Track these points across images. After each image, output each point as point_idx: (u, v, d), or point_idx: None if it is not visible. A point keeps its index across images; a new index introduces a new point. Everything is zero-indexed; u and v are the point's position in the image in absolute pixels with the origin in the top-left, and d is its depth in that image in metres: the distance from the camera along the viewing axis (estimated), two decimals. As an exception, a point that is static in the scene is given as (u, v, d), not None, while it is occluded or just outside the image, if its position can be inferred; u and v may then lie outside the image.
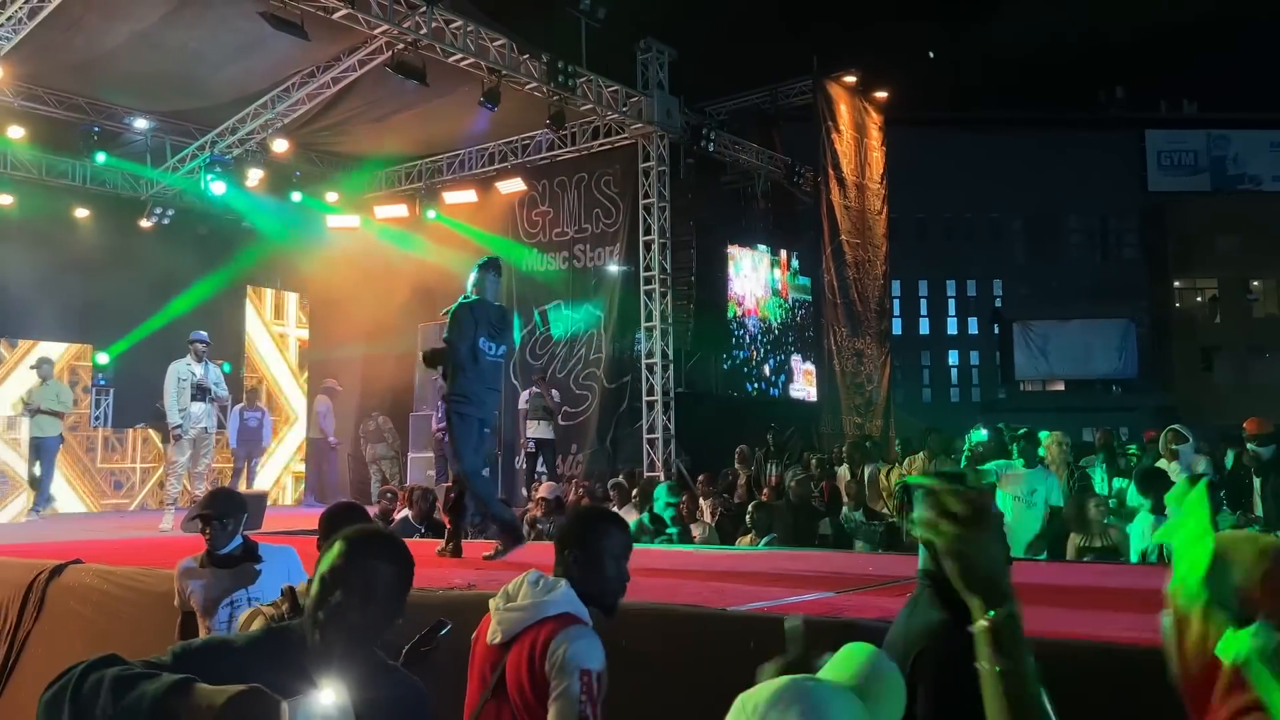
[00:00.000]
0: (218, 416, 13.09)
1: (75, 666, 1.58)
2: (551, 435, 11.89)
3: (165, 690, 1.49)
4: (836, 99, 15.26)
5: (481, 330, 5.54)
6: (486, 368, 5.65)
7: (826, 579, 4.54)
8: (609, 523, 2.72)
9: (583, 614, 2.49)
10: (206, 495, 4.67)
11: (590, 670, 2.32)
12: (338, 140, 14.22)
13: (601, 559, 2.57)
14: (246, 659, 1.73)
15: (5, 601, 5.88)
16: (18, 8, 9.47)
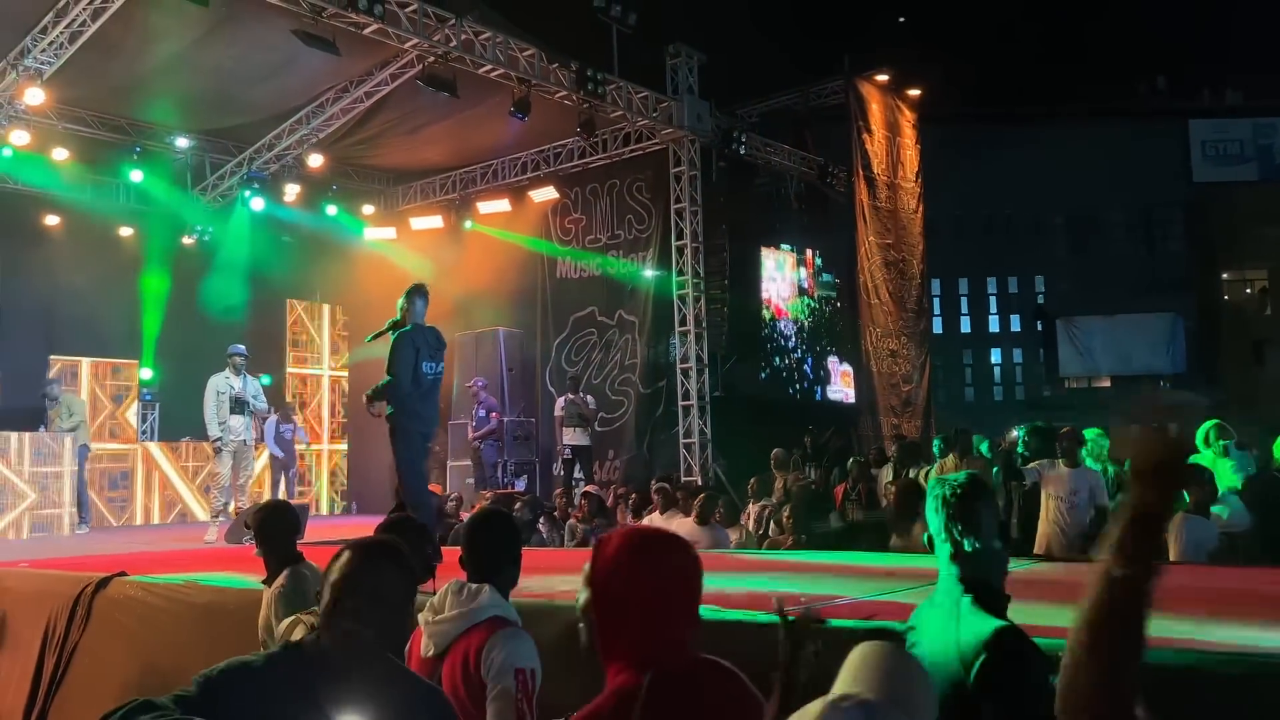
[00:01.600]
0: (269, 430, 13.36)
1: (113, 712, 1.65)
2: (588, 442, 11.92)
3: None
4: (868, 98, 15.14)
5: (422, 355, 6.07)
6: (427, 386, 6.18)
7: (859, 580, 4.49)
8: (506, 522, 2.83)
9: (511, 615, 2.54)
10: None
11: (525, 669, 2.39)
12: (372, 154, 14.39)
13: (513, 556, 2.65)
14: (267, 681, 1.75)
15: (54, 613, 6.01)
16: (59, 32, 9.71)
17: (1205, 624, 3.03)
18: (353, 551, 1.92)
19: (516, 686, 2.35)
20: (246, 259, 14.93)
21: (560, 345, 13.99)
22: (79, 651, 5.77)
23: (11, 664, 6.19)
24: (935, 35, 25.20)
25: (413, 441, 6.19)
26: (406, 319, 6.24)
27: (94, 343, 13.25)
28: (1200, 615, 3.13)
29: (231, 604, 5.04)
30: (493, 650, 2.42)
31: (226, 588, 5.30)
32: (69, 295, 13.57)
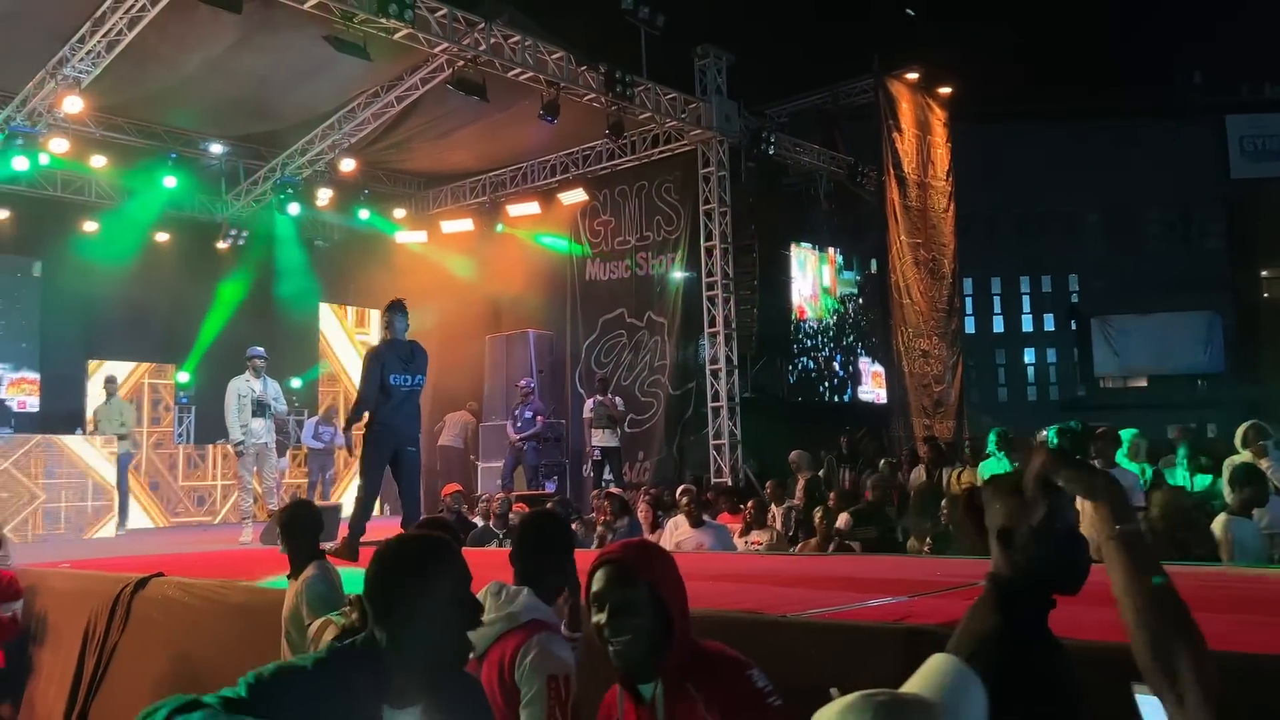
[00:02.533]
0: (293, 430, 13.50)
1: (157, 709, 1.62)
2: (617, 443, 11.93)
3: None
4: (898, 97, 15.05)
5: (390, 368, 6.40)
6: (400, 398, 6.49)
7: (892, 584, 4.46)
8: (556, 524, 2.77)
9: (551, 619, 2.52)
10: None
11: (558, 675, 2.36)
12: (403, 158, 14.50)
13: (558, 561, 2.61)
14: (317, 683, 1.74)
15: (94, 613, 6.11)
16: (96, 41, 9.87)
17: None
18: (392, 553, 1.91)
19: (549, 693, 2.33)
20: (279, 263, 15.14)
21: (590, 347, 14.02)
22: (118, 651, 5.86)
23: (53, 663, 6.29)
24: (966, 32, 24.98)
25: (379, 449, 6.55)
26: (387, 334, 6.62)
27: (131, 347, 13.46)
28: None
29: (268, 604, 5.09)
30: (527, 655, 2.40)
31: (262, 588, 5.36)
32: (106, 300, 13.82)
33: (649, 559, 2.19)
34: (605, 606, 2.10)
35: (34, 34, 10.18)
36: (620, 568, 2.14)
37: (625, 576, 2.12)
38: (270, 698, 1.66)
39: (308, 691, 1.70)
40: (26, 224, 13.18)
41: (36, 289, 13.84)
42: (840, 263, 15.24)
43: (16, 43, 10.33)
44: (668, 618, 2.09)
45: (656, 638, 2.08)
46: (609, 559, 2.17)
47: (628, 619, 2.07)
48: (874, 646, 3.05)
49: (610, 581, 2.11)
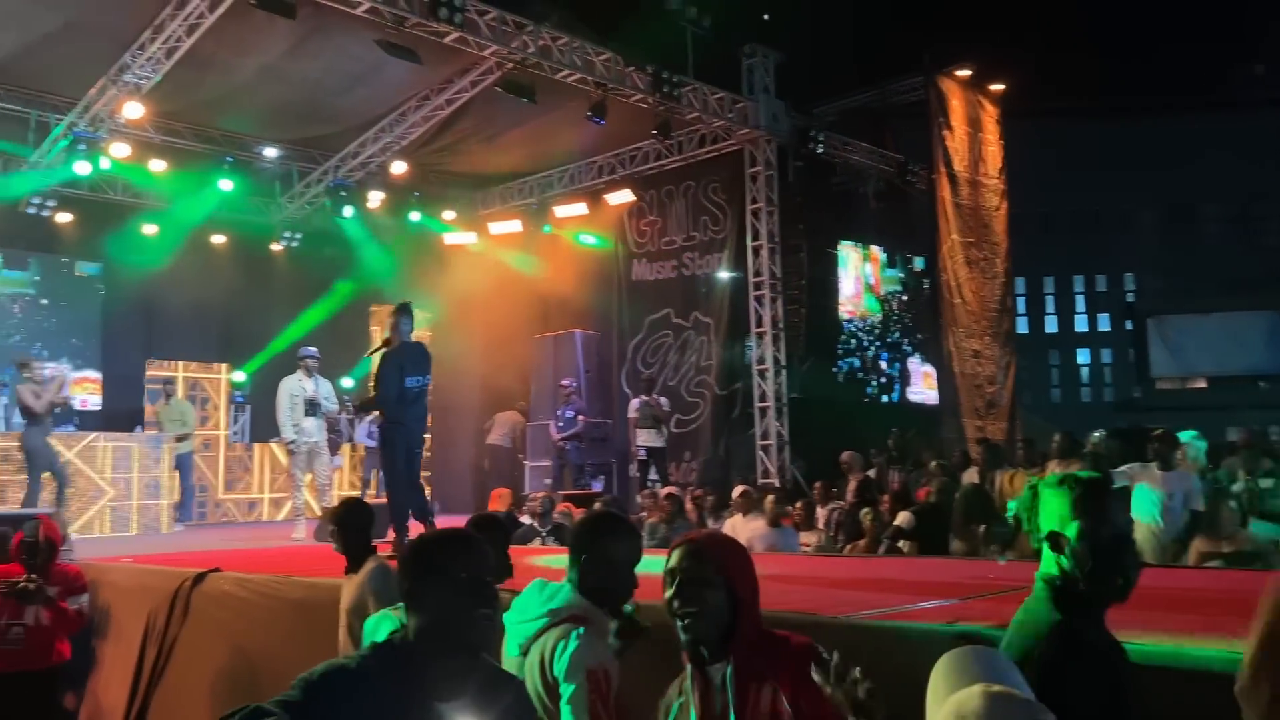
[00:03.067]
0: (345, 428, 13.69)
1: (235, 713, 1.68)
2: (662, 443, 11.93)
3: None
4: (949, 94, 14.84)
5: (406, 370, 6.60)
6: (413, 399, 6.70)
7: (945, 586, 4.42)
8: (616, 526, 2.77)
9: (590, 614, 2.53)
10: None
11: (597, 669, 2.37)
12: (452, 160, 14.64)
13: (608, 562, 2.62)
14: (365, 682, 1.80)
15: (154, 607, 6.25)
16: (156, 48, 10.11)
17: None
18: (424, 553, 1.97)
19: (590, 686, 2.34)
20: (331, 265, 15.38)
21: (636, 347, 14.04)
22: (178, 644, 6.00)
23: (115, 655, 6.45)
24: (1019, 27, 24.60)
25: (397, 449, 6.81)
26: (394, 337, 6.74)
27: (188, 347, 13.75)
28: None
29: (323, 599, 5.17)
30: (566, 649, 2.42)
31: (318, 583, 5.44)
32: (164, 301, 14.15)
33: (723, 545, 2.36)
34: (676, 580, 2.21)
35: (97, 42, 10.46)
36: (694, 546, 2.28)
37: (698, 555, 2.24)
38: (324, 698, 1.72)
39: (359, 690, 1.76)
40: (88, 227, 13.52)
41: (98, 290, 14.20)
42: (884, 260, 15.09)
43: (81, 51, 10.62)
44: (735, 601, 2.20)
45: (722, 617, 2.18)
46: (686, 539, 2.33)
47: (696, 594, 2.18)
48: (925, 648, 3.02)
49: (683, 558, 2.24)
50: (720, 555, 2.26)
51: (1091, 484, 2.15)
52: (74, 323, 14.02)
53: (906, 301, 15.34)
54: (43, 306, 13.77)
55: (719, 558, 2.25)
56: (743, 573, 2.26)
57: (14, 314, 13.62)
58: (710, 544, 2.32)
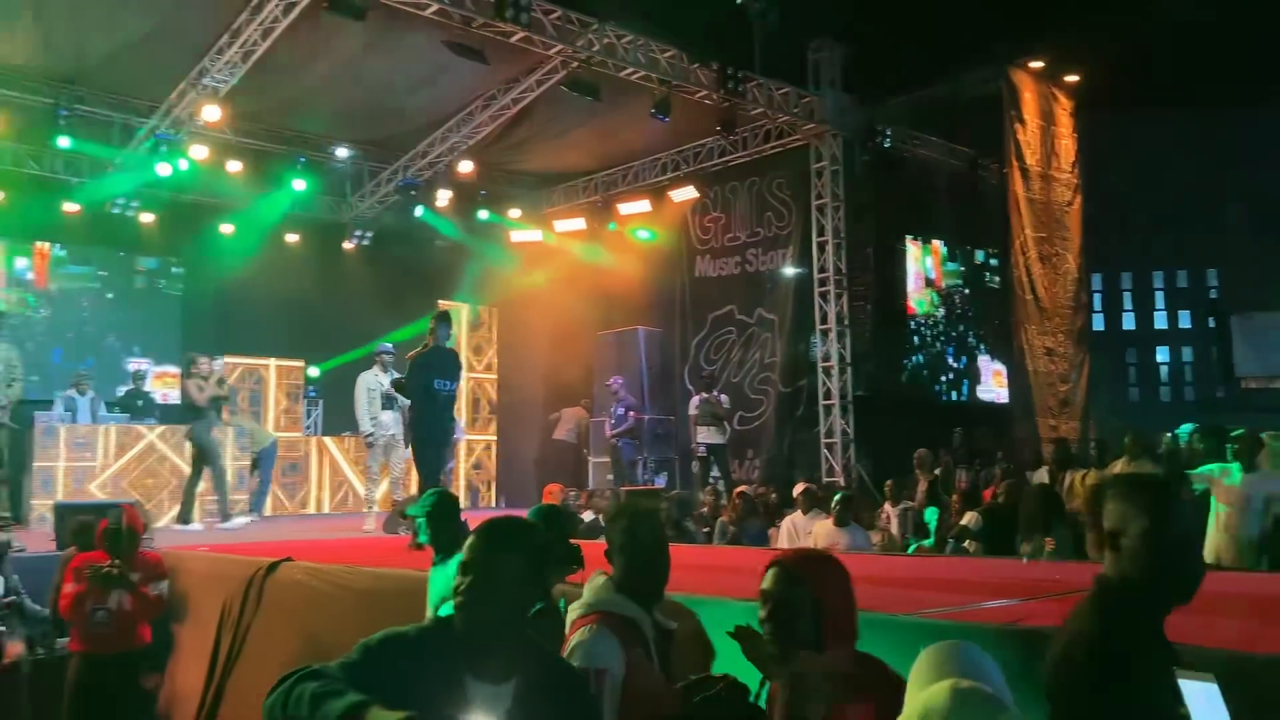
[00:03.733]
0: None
1: (289, 676, 1.80)
2: (723, 440, 11.90)
3: (344, 710, 1.69)
4: (1021, 87, 14.53)
5: (435, 373, 6.92)
6: (441, 401, 7.03)
7: (1010, 586, 4.34)
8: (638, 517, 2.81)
9: (614, 607, 2.55)
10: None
11: (591, 669, 2.40)
12: (518, 159, 14.80)
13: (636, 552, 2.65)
14: (417, 651, 1.90)
15: (230, 594, 6.44)
16: (233, 52, 10.41)
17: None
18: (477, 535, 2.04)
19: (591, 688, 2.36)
20: (401, 263, 15.65)
21: (699, 344, 14.04)
22: (252, 630, 6.17)
23: (192, 640, 6.66)
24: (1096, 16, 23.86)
25: (426, 447, 7.18)
26: (431, 341, 7.13)
27: (263, 343, 14.12)
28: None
29: (389, 589, 5.29)
30: (574, 647, 2.48)
31: (385, 574, 5.57)
32: (240, 298, 14.55)
33: (816, 566, 2.36)
34: (769, 602, 2.26)
35: (177, 47, 10.82)
36: (786, 568, 2.30)
37: (789, 577, 2.27)
38: (378, 663, 1.83)
39: (411, 659, 1.86)
40: (168, 226, 13.96)
41: (178, 287, 14.67)
42: (944, 253, 14.81)
43: (162, 56, 10.99)
44: (824, 620, 2.23)
45: (810, 638, 2.21)
46: (780, 560, 2.34)
47: (787, 619, 2.22)
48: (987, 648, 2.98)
49: (775, 580, 2.28)
50: (813, 576, 2.29)
51: (1153, 483, 2.11)
52: (150, 318, 14.49)
53: (968, 295, 15.04)
54: (109, 301, 14.21)
55: (812, 578, 2.28)
56: (836, 592, 2.28)
57: (81, 307, 14.04)
58: (804, 565, 2.34)
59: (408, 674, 1.76)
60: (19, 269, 13.53)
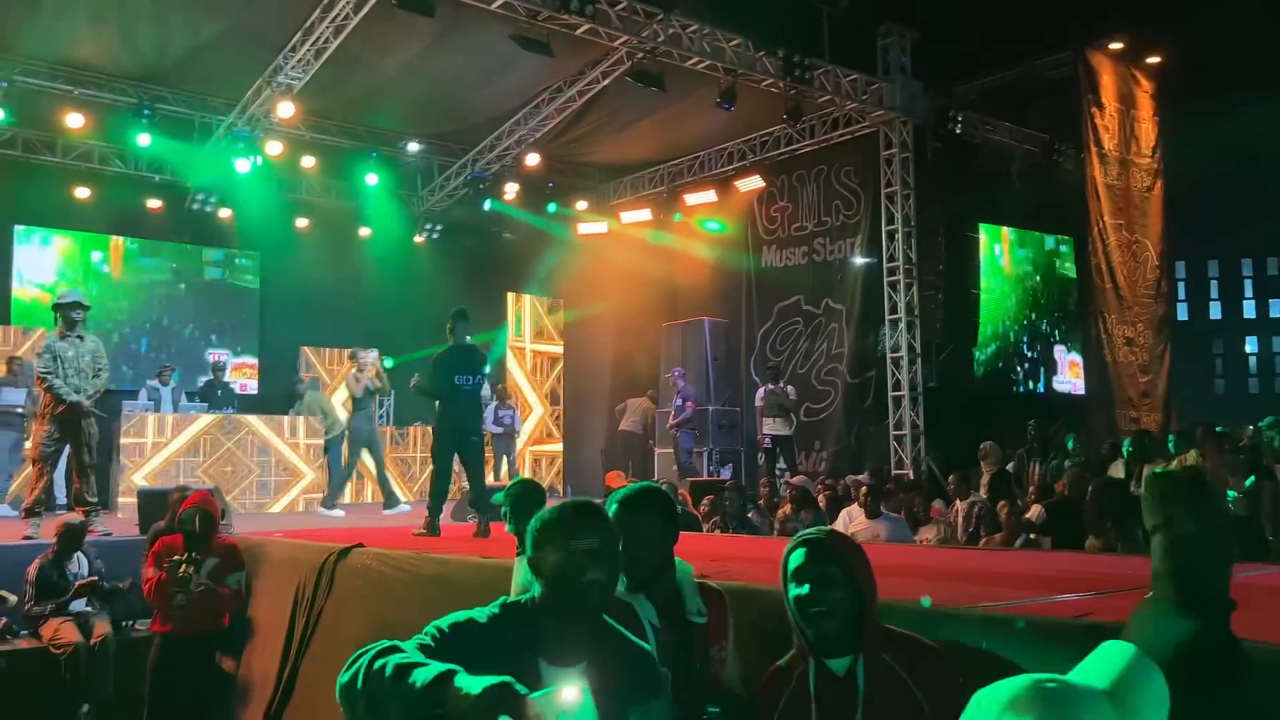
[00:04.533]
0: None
1: (364, 652, 1.82)
2: (789, 432, 11.81)
3: (433, 679, 1.70)
4: (1099, 69, 14.09)
5: (456, 370, 7.23)
6: (463, 396, 7.30)
7: (1077, 580, 4.24)
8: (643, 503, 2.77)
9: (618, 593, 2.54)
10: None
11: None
12: (584, 151, 14.87)
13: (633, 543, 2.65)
14: (488, 634, 1.93)
15: (303, 579, 6.61)
16: (306, 50, 10.64)
17: None
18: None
19: None
20: (470, 255, 15.88)
21: (765, 334, 13.96)
22: (324, 615, 6.32)
23: (268, 623, 6.86)
24: None
25: (445, 444, 7.46)
26: (451, 339, 7.46)
27: (337, 334, 14.44)
28: None
29: (459, 576, 5.37)
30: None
31: (454, 560, 5.65)
32: (315, 290, 14.91)
33: (841, 542, 2.43)
34: (805, 580, 2.27)
35: (253, 46, 11.10)
36: (818, 546, 2.32)
37: (822, 554, 2.30)
38: (452, 644, 1.85)
39: (482, 641, 1.89)
40: (246, 221, 14.36)
41: (255, 281, 15.08)
42: (1014, 240, 14.43)
43: (238, 54, 11.29)
44: (861, 597, 2.26)
45: (851, 613, 2.24)
46: (807, 538, 2.37)
47: (826, 592, 2.24)
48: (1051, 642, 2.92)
49: (810, 558, 2.29)
50: (845, 553, 2.35)
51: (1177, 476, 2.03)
52: (229, 311, 14.90)
53: (1042, 284, 14.64)
54: (184, 294, 14.62)
55: (845, 556, 2.33)
56: (866, 570, 2.33)
57: (157, 299, 14.43)
58: (835, 542, 2.39)
59: (480, 655, 1.78)
60: (95, 262, 14.02)
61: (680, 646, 2.50)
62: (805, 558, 2.30)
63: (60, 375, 7.53)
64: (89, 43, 11.20)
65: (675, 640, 2.50)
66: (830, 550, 2.32)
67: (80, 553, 6.77)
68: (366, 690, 1.75)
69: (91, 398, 7.68)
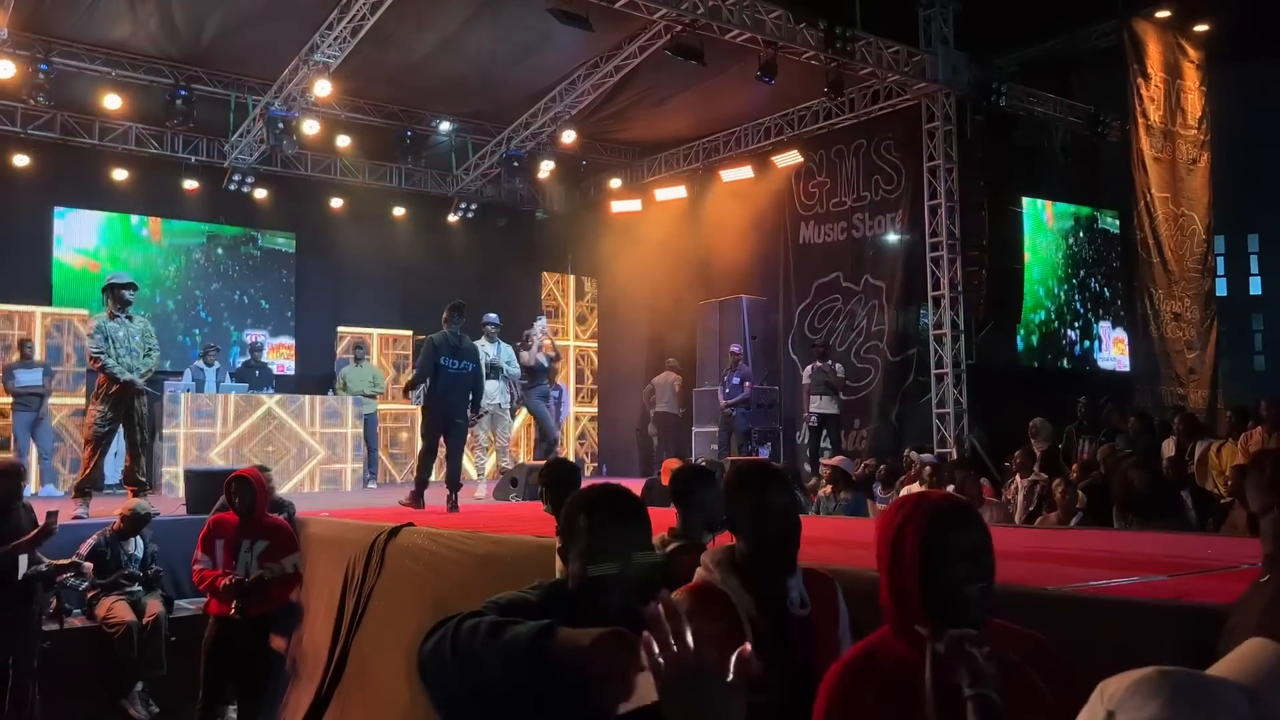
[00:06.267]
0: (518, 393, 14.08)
1: (447, 621, 1.78)
2: (836, 410, 11.65)
3: (537, 632, 1.67)
4: (1145, 38, 13.76)
5: (442, 353, 7.81)
6: (449, 379, 7.85)
7: (1162, 561, 4.12)
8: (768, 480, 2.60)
9: (717, 581, 2.41)
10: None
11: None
12: (620, 128, 14.72)
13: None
14: (540, 611, 1.86)
15: (352, 559, 6.61)
16: (343, 27, 10.56)
17: None
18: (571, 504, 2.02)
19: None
20: (504, 234, 15.83)
21: (803, 312, 13.79)
22: (374, 594, 6.32)
23: (318, 603, 6.87)
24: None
25: (433, 423, 8.02)
26: (445, 326, 8.01)
27: (373, 315, 14.46)
28: None
29: (508, 554, 5.34)
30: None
31: (504, 539, 5.62)
32: (351, 271, 14.94)
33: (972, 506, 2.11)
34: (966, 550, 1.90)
35: (289, 24, 11.03)
36: (968, 511, 1.97)
37: (974, 519, 1.95)
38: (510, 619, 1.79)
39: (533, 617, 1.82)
40: (281, 202, 14.38)
41: (292, 261, 15.08)
42: (1062, 215, 14.14)
43: (275, 33, 11.22)
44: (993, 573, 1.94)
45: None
46: (955, 504, 2.02)
47: (982, 562, 1.90)
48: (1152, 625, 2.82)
49: (966, 523, 1.93)
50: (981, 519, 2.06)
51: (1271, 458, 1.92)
52: (272, 292, 14.93)
53: (1087, 259, 14.35)
54: (224, 274, 14.61)
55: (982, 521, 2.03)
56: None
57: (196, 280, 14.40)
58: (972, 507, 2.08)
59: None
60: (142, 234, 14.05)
61: (779, 640, 2.38)
62: (962, 524, 1.93)
63: (113, 355, 7.56)
64: (125, 23, 11.18)
65: (773, 632, 2.37)
66: (977, 515, 1.99)
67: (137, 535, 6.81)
68: (460, 650, 1.70)
69: (144, 377, 7.71)
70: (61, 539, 6.67)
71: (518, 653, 1.66)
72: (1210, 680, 1.30)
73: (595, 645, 1.62)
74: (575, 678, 1.62)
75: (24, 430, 10.73)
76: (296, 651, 6.87)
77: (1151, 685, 1.23)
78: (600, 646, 1.61)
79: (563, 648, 1.64)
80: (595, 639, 1.62)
